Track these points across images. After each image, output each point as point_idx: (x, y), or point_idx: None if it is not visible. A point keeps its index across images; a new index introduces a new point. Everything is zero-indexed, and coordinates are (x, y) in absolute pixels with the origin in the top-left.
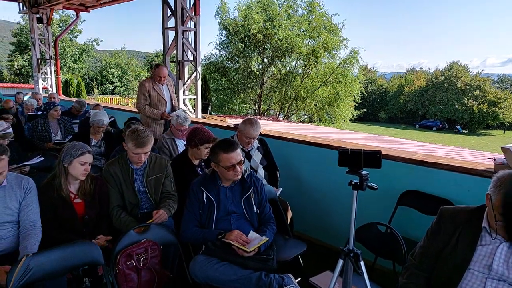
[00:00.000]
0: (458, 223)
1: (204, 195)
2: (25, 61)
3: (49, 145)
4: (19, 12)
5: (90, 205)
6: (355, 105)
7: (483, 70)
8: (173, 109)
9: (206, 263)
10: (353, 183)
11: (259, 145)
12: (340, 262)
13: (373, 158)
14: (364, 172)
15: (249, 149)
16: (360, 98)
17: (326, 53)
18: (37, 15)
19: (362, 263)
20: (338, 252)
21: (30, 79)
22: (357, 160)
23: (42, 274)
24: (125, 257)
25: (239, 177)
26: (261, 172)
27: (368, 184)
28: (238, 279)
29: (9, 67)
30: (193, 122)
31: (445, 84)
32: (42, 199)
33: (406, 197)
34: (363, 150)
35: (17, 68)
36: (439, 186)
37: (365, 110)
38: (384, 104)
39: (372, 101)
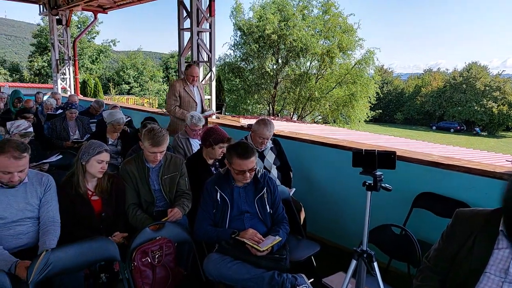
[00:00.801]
0: (474, 226)
1: (218, 194)
2: (45, 62)
3: (67, 144)
4: (40, 14)
5: (107, 203)
6: (370, 106)
7: (503, 70)
8: (203, 111)
9: (220, 261)
10: (367, 183)
11: (272, 146)
12: (353, 262)
13: (387, 159)
14: (378, 173)
15: (262, 149)
16: (375, 99)
17: (341, 53)
18: (57, 17)
19: (375, 264)
20: (351, 253)
21: (49, 79)
22: (371, 161)
23: (61, 269)
24: (140, 254)
25: (248, 181)
26: (274, 172)
27: (382, 185)
28: (251, 278)
29: (29, 67)
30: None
31: (464, 85)
32: (61, 196)
33: (421, 199)
34: (377, 150)
35: (37, 68)
36: (455, 189)
37: (380, 111)
38: (400, 105)
39: (388, 102)
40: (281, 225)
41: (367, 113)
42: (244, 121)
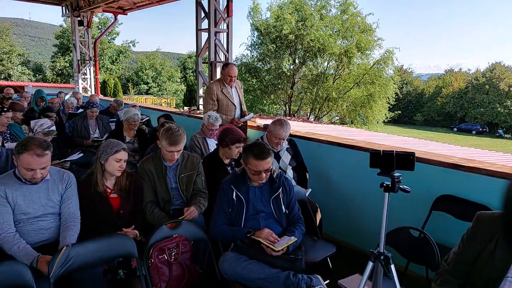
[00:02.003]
0: (496, 229)
1: (234, 193)
2: (66, 62)
3: (87, 142)
4: (62, 16)
5: (126, 200)
6: (389, 107)
7: None
8: (242, 114)
9: (235, 260)
10: (384, 185)
11: (288, 146)
12: (370, 264)
13: (406, 160)
14: (396, 174)
15: (278, 150)
16: (394, 99)
17: (359, 53)
18: (78, 18)
19: (392, 266)
20: (368, 255)
21: (70, 79)
22: (389, 162)
23: (80, 264)
24: (157, 251)
25: (263, 182)
26: (290, 173)
27: (401, 186)
28: (266, 278)
29: (51, 67)
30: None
31: (487, 86)
32: (81, 193)
33: (441, 202)
34: (396, 151)
35: (59, 68)
36: (477, 192)
37: (399, 112)
38: (420, 106)
39: (408, 102)
40: (297, 226)
41: (385, 114)
42: (260, 121)
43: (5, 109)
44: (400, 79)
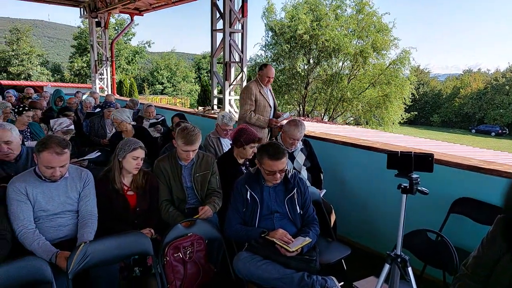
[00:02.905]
0: None
1: (248, 193)
2: (84, 63)
3: (104, 141)
4: (80, 17)
5: (142, 198)
6: (405, 108)
7: None
8: (276, 115)
9: (249, 260)
10: (402, 186)
11: (303, 147)
12: (386, 267)
13: (424, 161)
14: (414, 176)
15: (292, 150)
16: (410, 100)
17: (375, 53)
18: (96, 20)
19: (410, 269)
20: (383, 258)
21: (88, 79)
22: (407, 163)
23: (97, 261)
24: (172, 249)
25: (278, 182)
26: (304, 173)
27: (419, 188)
28: (281, 278)
29: (69, 68)
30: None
31: (507, 87)
32: (99, 190)
33: (459, 204)
34: (414, 152)
35: (76, 69)
36: (496, 195)
37: (416, 113)
38: (437, 107)
39: (424, 103)
40: (311, 227)
41: (401, 115)
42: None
43: (26, 108)
44: (416, 80)
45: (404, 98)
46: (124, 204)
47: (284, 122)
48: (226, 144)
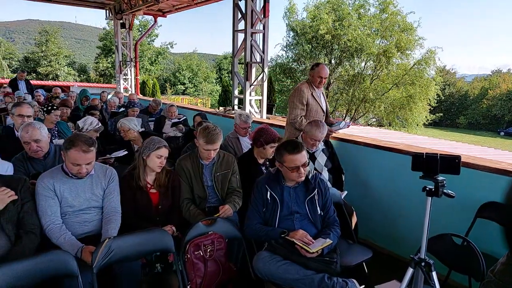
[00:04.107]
0: None
1: (268, 193)
2: (109, 63)
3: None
4: (106, 19)
5: (164, 196)
6: (430, 109)
7: None
8: (328, 121)
9: (269, 260)
10: (427, 189)
11: (324, 147)
12: (410, 271)
13: (451, 163)
14: (440, 178)
15: (313, 151)
16: (436, 101)
17: (399, 53)
18: (121, 21)
19: (434, 274)
20: (406, 262)
21: (112, 80)
22: (433, 165)
23: (121, 257)
24: (193, 247)
25: (303, 178)
26: (325, 174)
27: (445, 191)
28: (301, 279)
29: (95, 68)
30: (258, 122)
31: None
32: (123, 187)
33: (487, 209)
34: (440, 154)
35: (101, 69)
36: None
37: (441, 114)
38: (464, 109)
39: (450, 105)
40: (332, 228)
41: (426, 116)
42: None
43: (55, 107)
44: (442, 80)
45: (429, 99)
46: (147, 202)
47: (340, 131)
48: (245, 143)
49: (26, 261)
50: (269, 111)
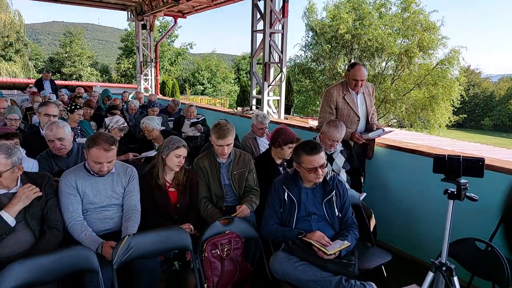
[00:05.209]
0: None
1: (286, 194)
2: (130, 64)
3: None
4: (127, 20)
5: (182, 195)
6: (453, 110)
7: None
8: (368, 128)
9: (286, 260)
10: (449, 191)
11: (342, 148)
12: (430, 275)
13: (474, 166)
14: (462, 181)
15: (331, 152)
16: (459, 102)
17: (421, 53)
18: (142, 22)
19: (455, 279)
20: (426, 267)
21: (133, 80)
22: (455, 167)
23: (140, 253)
24: (210, 246)
25: (321, 179)
26: (343, 176)
27: (467, 194)
28: (318, 281)
29: (116, 69)
30: (276, 122)
31: None
32: (142, 185)
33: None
34: (463, 156)
35: (123, 70)
36: None
37: (465, 115)
38: (489, 110)
39: (474, 106)
40: (350, 230)
41: (449, 118)
42: (313, 123)
43: (78, 106)
44: (466, 80)
45: (453, 100)
46: (165, 200)
47: (375, 138)
48: (263, 144)
49: (49, 255)
50: (287, 111)
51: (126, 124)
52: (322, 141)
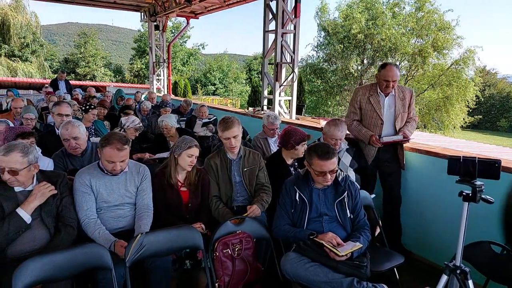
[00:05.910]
0: None
1: (297, 194)
2: (143, 64)
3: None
4: (140, 21)
5: (194, 194)
6: (468, 111)
7: None
8: (394, 132)
9: (297, 261)
10: (464, 194)
11: (348, 147)
12: (444, 278)
13: (490, 167)
14: (478, 183)
15: (337, 151)
16: (475, 103)
17: (435, 53)
18: (155, 23)
19: (470, 282)
20: (440, 270)
21: (146, 80)
22: (471, 169)
23: (152, 252)
24: (222, 245)
25: (329, 183)
26: (351, 175)
27: (483, 196)
28: (329, 282)
29: (129, 69)
30: (287, 123)
31: None
32: (155, 184)
33: None
34: (478, 158)
35: (136, 70)
36: None
37: (480, 116)
38: (505, 111)
39: (490, 106)
40: (362, 232)
41: (464, 119)
42: (324, 123)
43: (92, 106)
44: (482, 81)
45: (467, 101)
46: (177, 199)
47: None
48: (274, 144)
49: (64, 253)
50: (299, 111)
51: (141, 124)
52: (326, 142)
